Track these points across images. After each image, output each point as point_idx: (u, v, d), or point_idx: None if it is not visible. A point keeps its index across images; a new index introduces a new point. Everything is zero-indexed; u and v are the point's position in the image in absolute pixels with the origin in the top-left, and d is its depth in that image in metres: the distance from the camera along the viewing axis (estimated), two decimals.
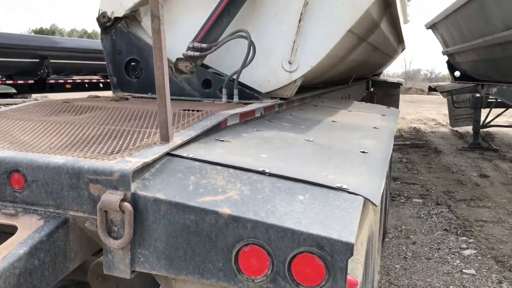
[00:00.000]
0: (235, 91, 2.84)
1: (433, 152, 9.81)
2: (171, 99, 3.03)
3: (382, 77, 13.69)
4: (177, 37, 3.05)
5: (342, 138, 2.45)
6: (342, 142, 2.34)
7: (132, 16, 3.17)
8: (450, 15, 10.38)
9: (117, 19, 3.12)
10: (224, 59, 3.06)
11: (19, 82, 11.59)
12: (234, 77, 2.87)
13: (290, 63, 2.97)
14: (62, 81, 13.30)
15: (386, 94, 11.02)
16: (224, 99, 2.87)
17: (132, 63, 3.19)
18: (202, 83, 2.98)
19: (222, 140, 1.97)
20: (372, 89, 10.86)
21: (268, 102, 2.87)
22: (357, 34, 3.48)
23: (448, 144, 11.01)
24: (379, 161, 2.06)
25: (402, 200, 6.16)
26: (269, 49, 3.02)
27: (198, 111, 2.21)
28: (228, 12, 2.88)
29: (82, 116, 2.14)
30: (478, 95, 10.36)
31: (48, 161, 1.48)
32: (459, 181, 7.25)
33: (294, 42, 2.91)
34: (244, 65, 2.79)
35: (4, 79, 10.00)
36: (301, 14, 2.84)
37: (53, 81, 12.83)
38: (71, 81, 13.58)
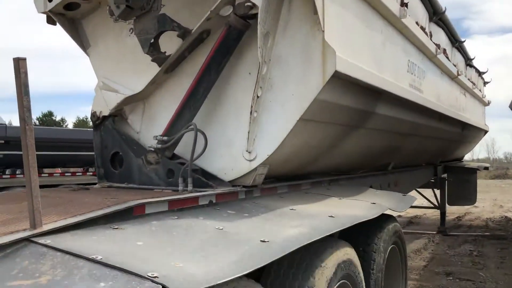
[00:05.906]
0: (189, 180, 2.97)
1: None
2: (140, 188, 3.25)
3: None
4: (155, 132, 3.33)
5: (265, 229, 2.42)
6: (257, 233, 2.30)
7: (119, 114, 3.56)
8: None
9: (105, 117, 3.52)
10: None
11: None
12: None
13: (249, 152, 3.07)
14: None
15: (460, 180, 10.32)
16: (181, 187, 3.01)
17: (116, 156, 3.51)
18: (166, 172, 3.16)
19: (116, 228, 2.09)
20: (444, 176, 10.28)
21: (219, 190, 2.94)
22: (330, 122, 3.48)
23: None
24: (267, 251, 2.01)
25: None
26: (231, 140, 3.16)
27: (112, 199, 2.37)
28: (189, 107, 3.12)
29: (17, 205, 2.41)
30: None
31: None
32: None
33: (249, 132, 3.02)
34: (193, 155, 2.95)
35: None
36: (251, 106, 2.97)
37: None
38: None
